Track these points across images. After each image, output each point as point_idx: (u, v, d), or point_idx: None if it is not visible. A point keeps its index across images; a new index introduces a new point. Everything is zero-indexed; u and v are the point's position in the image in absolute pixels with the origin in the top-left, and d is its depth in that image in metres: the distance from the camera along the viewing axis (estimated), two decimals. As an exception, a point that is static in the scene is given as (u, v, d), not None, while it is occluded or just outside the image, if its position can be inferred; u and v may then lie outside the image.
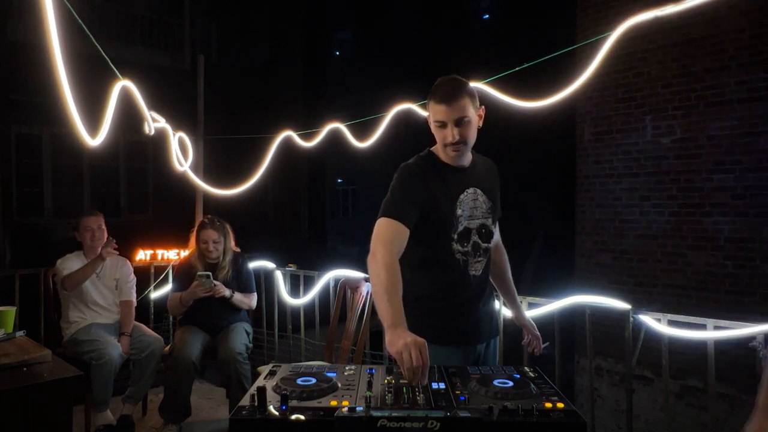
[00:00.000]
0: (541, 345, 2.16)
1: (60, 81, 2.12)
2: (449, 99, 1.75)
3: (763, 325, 2.32)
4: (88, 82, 3.14)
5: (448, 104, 1.75)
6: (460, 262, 1.85)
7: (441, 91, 1.78)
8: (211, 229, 3.41)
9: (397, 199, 1.76)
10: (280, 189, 10.92)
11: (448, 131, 1.78)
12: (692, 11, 2.56)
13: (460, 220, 1.83)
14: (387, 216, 1.73)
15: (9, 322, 2.50)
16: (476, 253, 1.87)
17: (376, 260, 1.63)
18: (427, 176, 1.82)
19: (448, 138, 1.78)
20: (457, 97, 1.75)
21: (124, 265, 3.53)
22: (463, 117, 1.76)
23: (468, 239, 1.85)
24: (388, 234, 1.70)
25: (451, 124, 1.77)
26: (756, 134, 4.90)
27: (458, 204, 1.84)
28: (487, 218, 1.91)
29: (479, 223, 1.88)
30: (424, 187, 1.80)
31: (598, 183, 6.00)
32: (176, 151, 4.07)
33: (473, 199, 1.87)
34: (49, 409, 2.02)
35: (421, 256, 1.84)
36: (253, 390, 1.27)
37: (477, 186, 1.90)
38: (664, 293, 5.44)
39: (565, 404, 1.28)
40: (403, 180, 1.81)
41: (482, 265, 1.91)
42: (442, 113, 1.77)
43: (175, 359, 3.10)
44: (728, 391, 4.80)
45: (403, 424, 1.14)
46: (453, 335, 1.83)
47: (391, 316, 1.49)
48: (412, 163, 1.87)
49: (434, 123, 1.81)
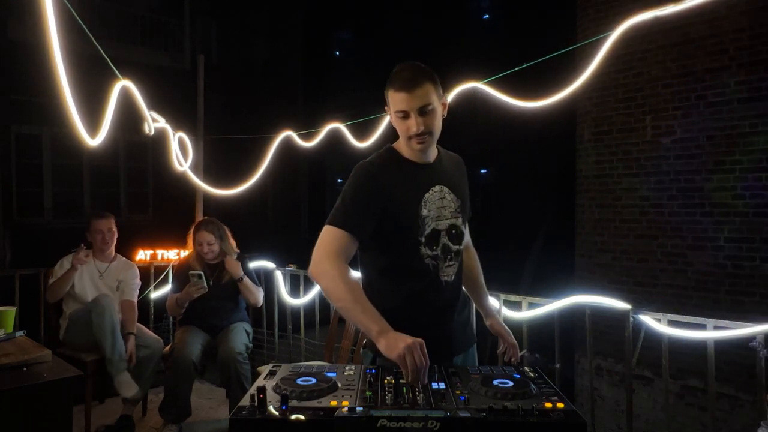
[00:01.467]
0: (518, 353, 1.95)
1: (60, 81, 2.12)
2: (410, 86, 1.59)
3: (763, 325, 2.32)
4: (88, 82, 3.14)
5: (409, 91, 1.58)
6: (430, 267, 1.68)
7: (401, 77, 1.61)
8: (205, 230, 3.41)
9: (347, 206, 1.61)
10: (280, 189, 10.92)
11: (411, 121, 1.61)
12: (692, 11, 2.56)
13: (426, 221, 1.66)
14: (334, 225, 1.59)
15: (9, 322, 2.50)
16: (447, 256, 1.70)
17: (328, 275, 1.53)
18: (386, 176, 1.66)
19: (412, 129, 1.61)
20: (419, 83, 1.59)
21: (131, 268, 3.54)
22: (427, 105, 1.60)
23: (437, 242, 1.68)
24: (335, 245, 1.56)
25: (414, 114, 1.60)
26: (756, 134, 4.90)
27: (423, 204, 1.67)
28: (456, 218, 1.74)
29: (448, 223, 1.71)
30: (381, 189, 1.63)
31: (598, 183, 6.00)
32: (176, 151, 4.07)
33: (440, 197, 1.71)
34: (49, 409, 2.02)
35: (386, 264, 1.70)
36: (253, 390, 1.26)
37: (444, 183, 1.73)
38: (664, 293, 5.44)
39: (565, 404, 1.28)
40: (355, 183, 1.64)
41: (454, 270, 1.74)
42: (404, 102, 1.60)
43: (175, 359, 3.10)
44: (728, 391, 4.80)
45: (403, 424, 1.14)
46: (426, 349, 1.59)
47: (376, 323, 1.45)
48: (369, 162, 1.69)
49: (395, 114, 1.64)
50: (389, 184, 1.65)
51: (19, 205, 7.90)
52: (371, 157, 1.72)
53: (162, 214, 8.80)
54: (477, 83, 3.10)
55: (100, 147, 2.62)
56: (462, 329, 1.82)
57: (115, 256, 3.51)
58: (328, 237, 1.59)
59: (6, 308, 2.54)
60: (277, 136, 4.25)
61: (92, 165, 8.53)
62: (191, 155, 4.25)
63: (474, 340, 1.90)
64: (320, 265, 1.56)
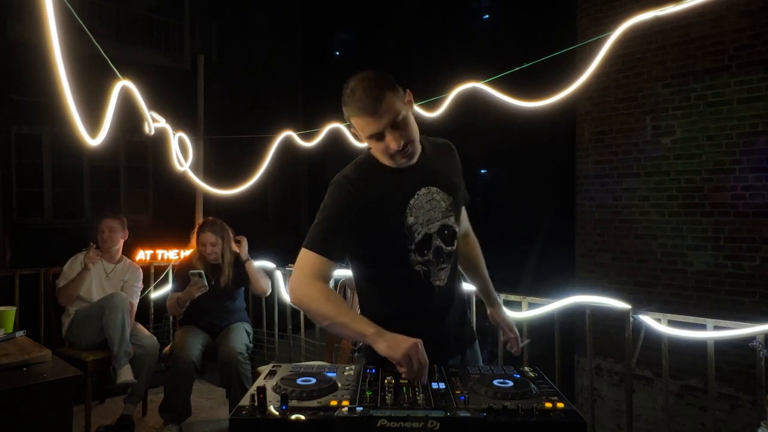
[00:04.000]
0: (520, 343, 1.92)
1: (60, 81, 2.12)
2: (372, 106, 1.45)
3: (763, 325, 2.32)
4: (88, 82, 3.14)
5: (373, 113, 1.45)
6: (421, 274, 1.60)
7: (358, 100, 1.46)
8: (209, 231, 3.42)
9: (322, 227, 1.53)
10: (280, 189, 10.92)
11: (388, 139, 1.49)
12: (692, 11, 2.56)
13: (414, 228, 1.57)
14: (309, 248, 1.52)
15: (9, 322, 2.50)
16: (439, 260, 1.62)
17: (308, 298, 1.50)
18: (363, 188, 1.55)
19: (392, 146, 1.49)
20: (380, 98, 1.45)
21: (136, 271, 3.58)
22: (397, 116, 1.47)
23: (429, 246, 1.60)
24: (311, 269, 1.52)
25: (387, 131, 1.48)
26: (756, 134, 4.90)
27: (408, 212, 1.57)
28: (448, 217, 1.64)
29: (440, 225, 1.62)
30: (358, 204, 1.53)
31: (598, 183, 6.00)
32: (176, 151, 4.06)
33: (428, 200, 1.61)
34: (49, 409, 2.01)
35: (374, 274, 1.64)
36: (253, 390, 1.26)
37: (431, 183, 1.62)
38: (664, 293, 5.44)
39: (565, 404, 1.27)
40: (329, 202, 1.56)
41: (447, 273, 1.65)
42: (372, 125, 1.47)
43: (175, 359, 3.10)
44: (728, 391, 4.80)
45: (403, 424, 1.14)
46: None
47: (370, 326, 1.44)
48: (343, 176, 1.58)
49: (368, 139, 1.52)
50: (368, 197, 1.55)
51: (19, 205, 7.90)
52: (347, 169, 1.61)
53: (162, 214, 8.80)
54: (477, 83, 3.10)
55: (100, 147, 2.62)
56: (456, 330, 1.73)
57: (121, 257, 3.56)
58: (305, 260, 1.53)
59: (6, 308, 2.54)
60: (277, 136, 4.25)
61: (92, 165, 8.53)
62: (191, 155, 4.24)
63: (472, 338, 1.84)
64: (299, 289, 1.52)
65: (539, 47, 3.03)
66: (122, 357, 3.09)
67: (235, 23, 10.49)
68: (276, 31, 11.41)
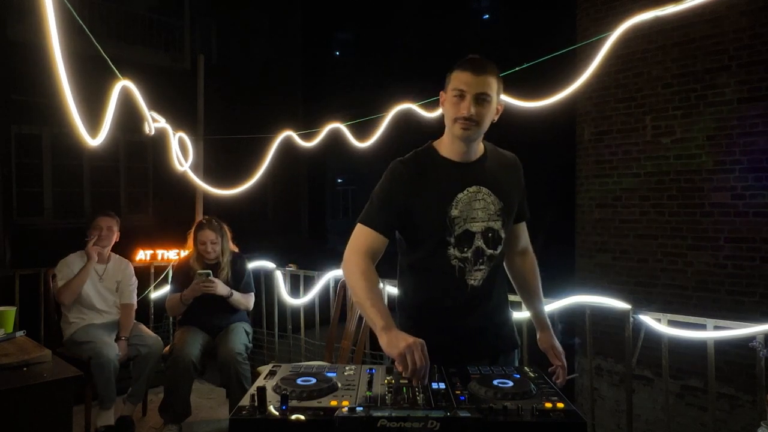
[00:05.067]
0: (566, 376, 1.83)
1: (60, 81, 2.12)
2: (477, 70, 1.59)
3: (763, 325, 2.32)
4: (88, 82, 3.14)
5: (474, 73, 1.58)
6: (456, 269, 1.66)
7: (470, 60, 1.62)
8: (209, 229, 3.40)
9: (375, 205, 1.66)
10: (280, 189, 10.92)
11: (465, 103, 1.58)
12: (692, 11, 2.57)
13: (456, 222, 1.64)
14: (361, 222, 1.65)
15: (9, 322, 2.50)
16: (477, 260, 1.66)
17: (350, 269, 1.60)
18: (417, 174, 1.66)
19: (463, 111, 1.58)
20: (486, 71, 1.59)
21: (127, 268, 3.53)
22: (485, 94, 1.59)
23: (469, 244, 1.65)
24: (361, 242, 1.63)
25: (470, 97, 1.58)
26: (756, 134, 4.90)
27: (454, 204, 1.64)
28: (495, 221, 1.68)
29: (484, 225, 1.66)
30: (409, 187, 1.64)
31: (598, 183, 6.00)
32: (176, 151, 4.07)
33: (476, 198, 1.66)
34: (49, 409, 2.01)
35: (413, 261, 1.71)
36: (253, 390, 1.26)
37: (483, 183, 1.68)
38: (664, 293, 5.44)
39: (565, 404, 1.27)
40: (384, 183, 1.68)
41: (483, 275, 1.68)
42: (465, 82, 1.59)
43: (175, 359, 3.09)
44: (728, 391, 4.80)
45: (403, 424, 1.14)
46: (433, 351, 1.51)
47: (381, 319, 1.47)
48: (401, 161, 1.70)
49: (452, 92, 1.61)
50: (419, 182, 1.65)
51: (19, 205, 7.89)
52: (407, 155, 1.72)
53: (162, 214, 8.80)
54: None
55: (100, 147, 2.62)
56: (493, 333, 1.75)
57: (110, 256, 3.51)
58: (356, 234, 1.65)
59: (6, 308, 2.55)
60: (277, 136, 4.25)
61: (92, 165, 8.53)
62: (191, 155, 4.25)
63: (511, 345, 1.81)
64: (346, 261, 1.62)
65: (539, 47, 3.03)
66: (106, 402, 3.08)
67: (235, 23, 10.49)
68: (276, 31, 11.41)
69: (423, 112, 3.44)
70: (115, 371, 3.09)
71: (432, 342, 1.57)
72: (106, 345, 3.11)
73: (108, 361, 3.04)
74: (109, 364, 3.05)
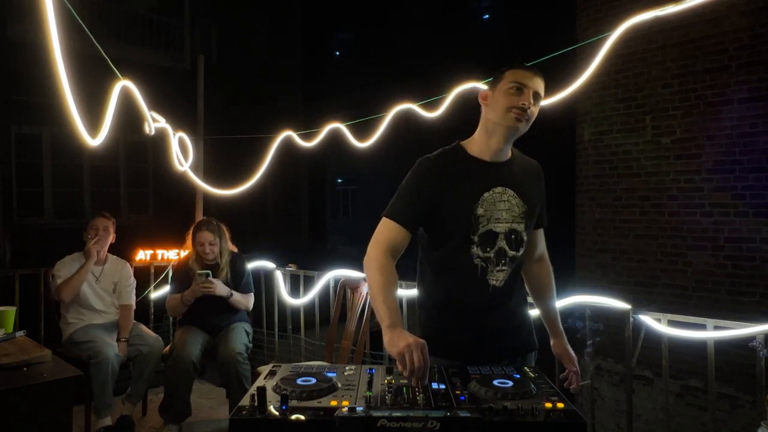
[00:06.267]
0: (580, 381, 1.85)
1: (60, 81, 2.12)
2: (535, 71, 1.66)
3: (763, 325, 2.32)
4: (88, 82, 3.14)
5: (533, 73, 1.66)
6: (479, 268, 1.67)
7: (526, 66, 1.69)
8: (207, 230, 3.40)
9: (401, 199, 1.68)
10: (280, 189, 10.92)
11: (525, 96, 1.63)
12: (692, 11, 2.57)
13: (480, 221, 1.65)
14: (386, 216, 1.67)
15: (9, 322, 2.50)
16: (500, 260, 1.68)
17: (369, 263, 1.61)
18: (444, 170, 1.68)
19: (523, 101, 1.62)
20: (540, 76, 1.67)
21: (124, 268, 3.53)
22: (539, 94, 1.66)
23: (492, 244, 1.67)
24: (384, 235, 1.65)
25: (529, 92, 1.63)
26: (756, 134, 4.90)
27: (480, 202, 1.66)
28: (518, 223, 1.70)
29: (508, 227, 1.68)
30: (436, 182, 1.66)
31: (598, 183, 6.00)
32: (176, 151, 4.07)
33: (501, 199, 1.68)
34: (49, 409, 2.02)
35: (436, 258, 1.72)
36: (253, 390, 1.26)
37: (509, 185, 1.70)
38: (664, 293, 5.44)
39: (565, 404, 1.27)
40: (411, 178, 1.70)
41: (505, 276, 1.70)
42: (526, 77, 1.64)
43: (175, 359, 3.10)
44: (728, 391, 4.80)
45: (403, 424, 1.14)
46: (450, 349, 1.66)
47: (389, 317, 1.48)
48: (429, 157, 1.72)
49: (509, 85, 1.64)
50: (446, 179, 1.67)
51: (19, 205, 7.90)
52: (434, 153, 1.74)
53: (162, 214, 8.80)
54: (477, 83, 3.10)
55: (100, 147, 2.62)
56: (512, 335, 1.76)
57: (106, 257, 3.50)
58: (380, 228, 1.67)
59: (6, 308, 2.55)
60: (277, 136, 4.25)
61: (92, 165, 8.53)
62: (191, 155, 4.25)
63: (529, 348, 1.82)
64: (367, 255, 1.64)
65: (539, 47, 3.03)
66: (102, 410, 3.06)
67: (235, 23, 10.49)
68: (276, 31, 11.41)
69: (423, 112, 3.44)
70: (113, 373, 3.08)
71: (452, 341, 1.66)
72: (106, 344, 3.11)
73: (107, 360, 3.04)
74: (107, 364, 3.04)
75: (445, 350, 1.63)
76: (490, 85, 1.72)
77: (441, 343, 1.63)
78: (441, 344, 1.62)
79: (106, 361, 3.04)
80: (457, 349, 1.67)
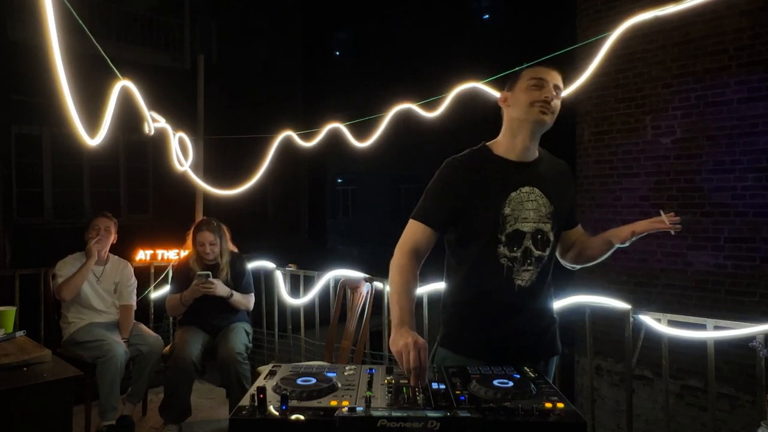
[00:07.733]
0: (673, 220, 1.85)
1: (60, 81, 2.12)
2: (553, 66, 1.69)
3: (763, 325, 2.32)
4: (88, 82, 3.15)
5: (551, 68, 1.68)
6: (505, 268, 1.66)
7: (545, 63, 1.72)
8: (207, 231, 3.39)
9: (428, 200, 1.69)
10: (280, 189, 10.92)
11: (546, 90, 1.65)
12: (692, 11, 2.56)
13: (508, 220, 1.65)
14: (413, 218, 1.69)
15: (9, 322, 2.50)
16: (526, 260, 1.67)
17: (392, 264, 1.64)
18: (472, 170, 1.68)
19: (546, 94, 1.64)
20: (558, 71, 1.69)
21: (125, 268, 3.52)
22: (560, 87, 1.68)
23: (519, 244, 1.66)
24: (409, 237, 1.67)
25: (550, 86, 1.66)
26: (756, 134, 4.90)
27: (507, 202, 1.65)
28: (545, 223, 1.69)
29: (534, 227, 1.67)
30: (463, 183, 1.66)
31: (598, 183, 6.00)
32: (176, 151, 4.07)
33: (528, 199, 1.68)
34: (49, 409, 2.02)
35: (462, 258, 1.72)
36: (253, 390, 1.26)
37: (536, 185, 1.70)
38: (664, 293, 5.44)
39: (565, 404, 1.27)
40: (438, 178, 1.71)
41: (531, 276, 1.68)
42: (545, 72, 1.67)
43: (175, 359, 3.09)
44: (728, 391, 4.80)
45: (403, 424, 1.14)
46: (477, 349, 1.67)
47: (398, 316, 1.51)
48: (454, 157, 1.72)
49: (529, 81, 1.66)
50: (474, 179, 1.67)
51: (19, 205, 7.90)
52: (462, 153, 1.74)
53: (162, 214, 8.80)
54: (477, 83, 3.10)
55: (100, 147, 2.62)
56: (536, 337, 1.74)
57: (108, 257, 3.49)
58: (407, 230, 1.69)
59: (6, 308, 2.55)
60: (277, 136, 4.25)
61: (92, 165, 8.53)
62: (191, 155, 4.24)
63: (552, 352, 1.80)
64: (394, 255, 1.66)
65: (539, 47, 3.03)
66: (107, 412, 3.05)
67: (235, 23, 10.50)
68: (276, 31, 11.41)
69: (423, 112, 3.44)
70: (121, 372, 3.08)
71: (478, 339, 1.68)
72: (114, 342, 3.12)
73: (116, 358, 3.03)
74: (116, 363, 3.03)
75: (469, 349, 1.66)
76: (507, 87, 1.74)
77: (464, 342, 1.67)
78: (464, 343, 1.66)
79: (115, 359, 3.04)
80: (480, 348, 1.68)
